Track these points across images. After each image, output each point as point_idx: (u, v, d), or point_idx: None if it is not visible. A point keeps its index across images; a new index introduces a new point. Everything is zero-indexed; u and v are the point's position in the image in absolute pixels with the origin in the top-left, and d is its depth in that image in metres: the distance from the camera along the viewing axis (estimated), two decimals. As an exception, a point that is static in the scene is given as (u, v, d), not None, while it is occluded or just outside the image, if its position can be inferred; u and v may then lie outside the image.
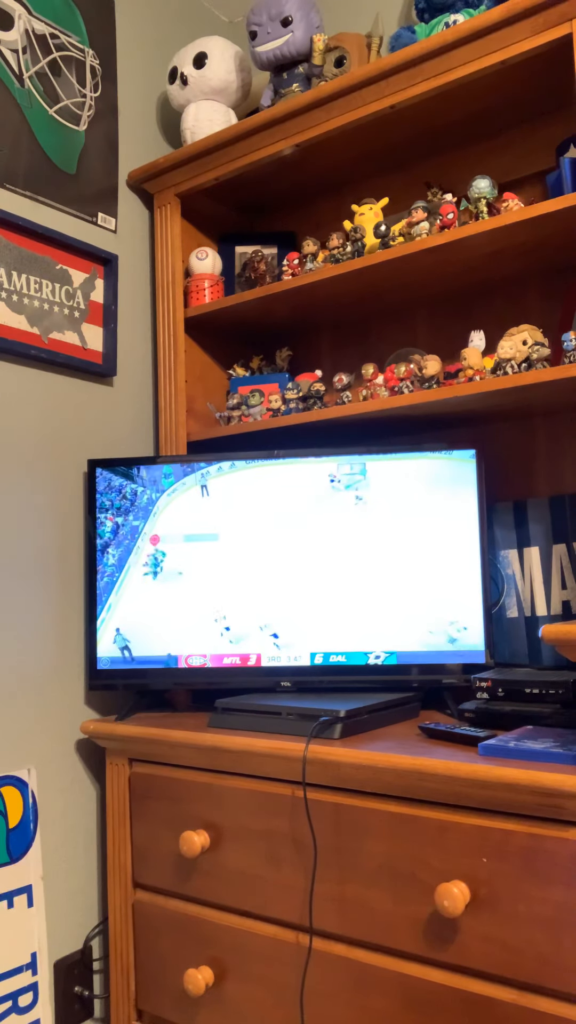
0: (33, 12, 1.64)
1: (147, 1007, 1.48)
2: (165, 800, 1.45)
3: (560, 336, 1.56)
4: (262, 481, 1.57)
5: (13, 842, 1.49)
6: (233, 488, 1.58)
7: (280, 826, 1.30)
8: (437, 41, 1.42)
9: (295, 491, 1.56)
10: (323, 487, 1.56)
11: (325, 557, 1.55)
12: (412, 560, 1.52)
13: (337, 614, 1.53)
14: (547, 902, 1.05)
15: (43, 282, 1.62)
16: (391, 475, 1.54)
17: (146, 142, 1.90)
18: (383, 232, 1.53)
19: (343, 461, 1.55)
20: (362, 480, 1.55)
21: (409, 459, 1.54)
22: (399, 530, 1.53)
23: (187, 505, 1.59)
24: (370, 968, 1.20)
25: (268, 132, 1.65)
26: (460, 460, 1.52)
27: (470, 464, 1.52)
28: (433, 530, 1.52)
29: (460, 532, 1.51)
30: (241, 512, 1.58)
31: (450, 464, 1.52)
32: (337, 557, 1.54)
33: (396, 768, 1.16)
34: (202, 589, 1.57)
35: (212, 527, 1.58)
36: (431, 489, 1.53)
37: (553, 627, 1.04)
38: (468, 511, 1.51)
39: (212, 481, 1.59)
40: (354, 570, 1.54)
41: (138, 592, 1.59)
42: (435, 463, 1.53)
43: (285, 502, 1.56)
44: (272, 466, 1.57)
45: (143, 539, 1.59)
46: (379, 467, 1.54)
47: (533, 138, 1.62)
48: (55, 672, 1.61)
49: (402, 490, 1.53)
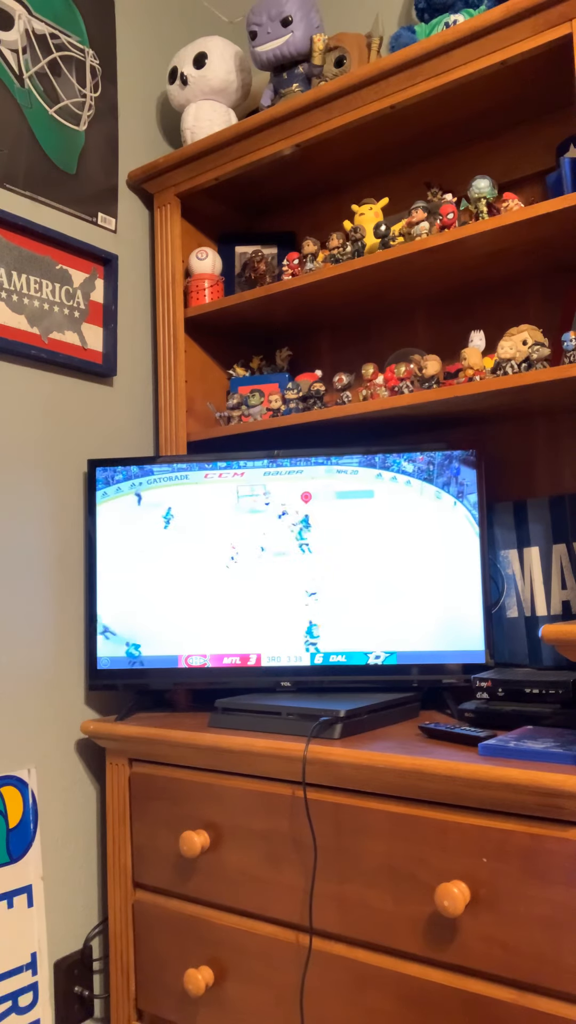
0: (33, 12, 1.64)
1: (147, 1007, 1.48)
2: (165, 800, 1.45)
3: (560, 336, 1.56)
4: (267, 483, 1.58)
5: (13, 842, 1.49)
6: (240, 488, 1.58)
7: (280, 826, 1.30)
8: (437, 41, 1.42)
9: (295, 491, 1.56)
10: (321, 487, 1.56)
11: (325, 557, 1.55)
12: (412, 560, 1.52)
13: (337, 614, 1.53)
14: (547, 902, 1.05)
15: (43, 282, 1.62)
16: (391, 475, 1.54)
17: (146, 142, 1.90)
18: (383, 232, 1.53)
19: (342, 461, 1.55)
20: (362, 480, 1.55)
21: (384, 465, 1.53)
22: (399, 530, 1.53)
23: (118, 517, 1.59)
24: (370, 968, 1.20)
25: (268, 132, 1.65)
26: (394, 465, 1.52)
27: (444, 470, 1.52)
28: (433, 530, 1.52)
29: (460, 532, 1.51)
30: (243, 512, 1.58)
31: (423, 471, 1.52)
32: (337, 557, 1.54)
33: (396, 768, 1.16)
34: (202, 589, 1.58)
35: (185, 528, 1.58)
36: (406, 494, 1.52)
37: (553, 627, 1.04)
38: (468, 511, 1.51)
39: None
40: (354, 570, 1.54)
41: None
42: (409, 469, 1.53)
43: (284, 502, 1.56)
44: (273, 466, 1.58)
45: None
46: (379, 467, 1.54)
47: (533, 138, 1.62)
48: (55, 672, 1.61)
49: (402, 490, 1.53)
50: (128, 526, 1.61)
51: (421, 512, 1.52)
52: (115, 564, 1.61)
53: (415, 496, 1.53)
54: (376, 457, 1.54)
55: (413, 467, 1.54)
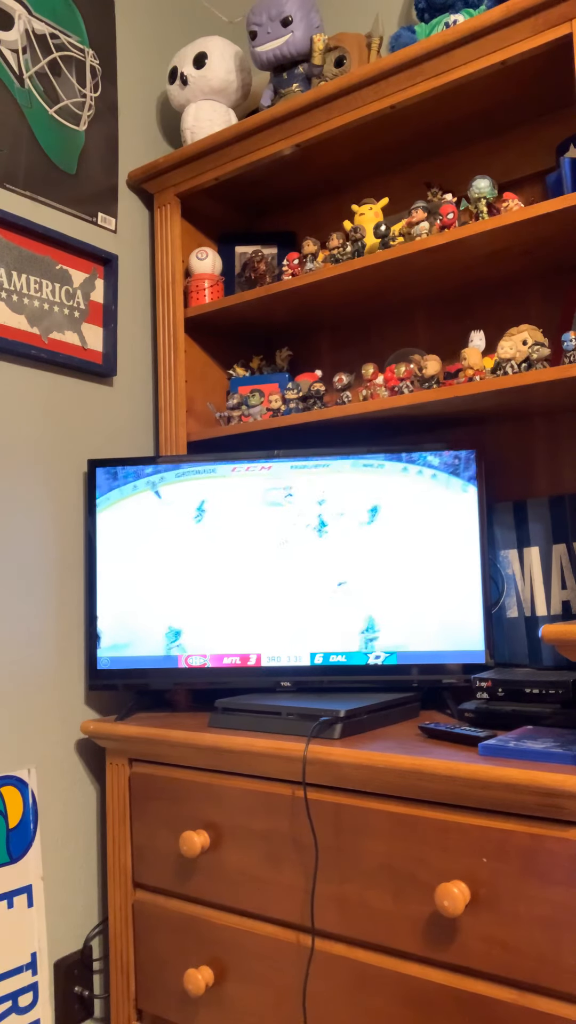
0: (33, 12, 1.64)
1: (147, 1007, 1.48)
2: (165, 800, 1.45)
3: (560, 336, 1.56)
4: (263, 482, 1.58)
5: (13, 842, 1.49)
6: (228, 490, 1.58)
7: (280, 826, 1.30)
8: (437, 41, 1.42)
9: (295, 490, 1.56)
10: (321, 487, 1.56)
11: (325, 557, 1.55)
12: (412, 560, 1.52)
13: (337, 614, 1.53)
14: (547, 902, 1.05)
15: (43, 282, 1.62)
16: (390, 475, 1.54)
17: (146, 142, 1.90)
18: (383, 232, 1.53)
19: (342, 461, 1.55)
20: (361, 480, 1.55)
21: (409, 459, 1.53)
22: (399, 530, 1.53)
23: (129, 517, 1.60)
24: (370, 968, 1.20)
25: (268, 132, 1.65)
26: (419, 459, 1.52)
27: (470, 464, 1.52)
28: (433, 530, 1.52)
29: (460, 532, 1.51)
30: (238, 512, 1.58)
31: (450, 464, 1.52)
32: (337, 557, 1.54)
33: (396, 768, 1.16)
34: (199, 590, 1.58)
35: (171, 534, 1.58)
36: (431, 489, 1.53)
37: (553, 627, 1.04)
38: (468, 511, 1.51)
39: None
40: (354, 570, 1.54)
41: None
42: (435, 463, 1.53)
43: (285, 501, 1.56)
44: (272, 465, 1.58)
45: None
46: (378, 467, 1.54)
47: (533, 138, 1.62)
48: (55, 672, 1.61)
49: (401, 490, 1.53)
50: (149, 521, 1.60)
51: (421, 512, 1.52)
52: (136, 561, 1.60)
53: (415, 496, 1.53)
54: (375, 457, 1.54)
55: (413, 467, 1.54)
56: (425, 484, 1.53)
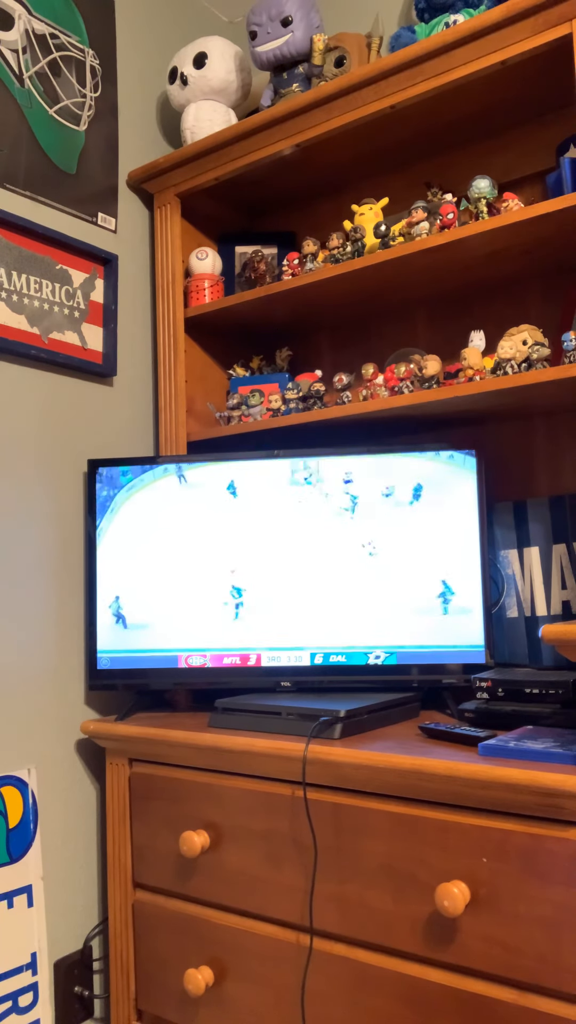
0: (33, 12, 1.64)
1: (147, 1007, 1.48)
2: (165, 800, 1.45)
3: (560, 336, 1.56)
4: (261, 478, 1.58)
5: (13, 842, 1.49)
6: (219, 481, 1.58)
7: (280, 826, 1.30)
8: (437, 41, 1.42)
9: (294, 490, 1.57)
10: (324, 487, 1.56)
11: (325, 557, 1.55)
12: (412, 560, 1.52)
13: (337, 614, 1.53)
14: (547, 902, 1.05)
15: (43, 282, 1.62)
16: (391, 475, 1.54)
17: (146, 142, 1.90)
18: (383, 232, 1.53)
19: (342, 461, 1.55)
20: (361, 480, 1.55)
21: (409, 459, 1.54)
22: (399, 530, 1.53)
23: (158, 498, 1.60)
24: (370, 968, 1.20)
25: (268, 132, 1.65)
26: (460, 460, 1.52)
27: (470, 464, 1.52)
28: (433, 530, 1.52)
29: (460, 532, 1.51)
30: (236, 513, 1.58)
31: (450, 464, 1.52)
32: (337, 557, 1.54)
33: (396, 768, 1.16)
34: (199, 588, 1.58)
35: (188, 521, 1.58)
36: (431, 489, 1.53)
37: (553, 627, 1.04)
38: (468, 511, 1.51)
39: (190, 472, 1.59)
40: (354, 570, 1.54)
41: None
42: (435, 463, 1.53)
43: (284, 502, 1.56)
44: (270, 463, 1.58)
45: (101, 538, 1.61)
46: (378, 467, 1.54)
47: (533, 138, 1.62)
48: (55, 672, 1.61)
49: (402, 490, 1.53)
50: (174, 508, 1.60)
51: (421, 512, 1.52)
52: (155, 552, 1.60)
53: (415, 496, 1.53)
54: (376, 457, 1.54)
55: (413, 467, 1.53)
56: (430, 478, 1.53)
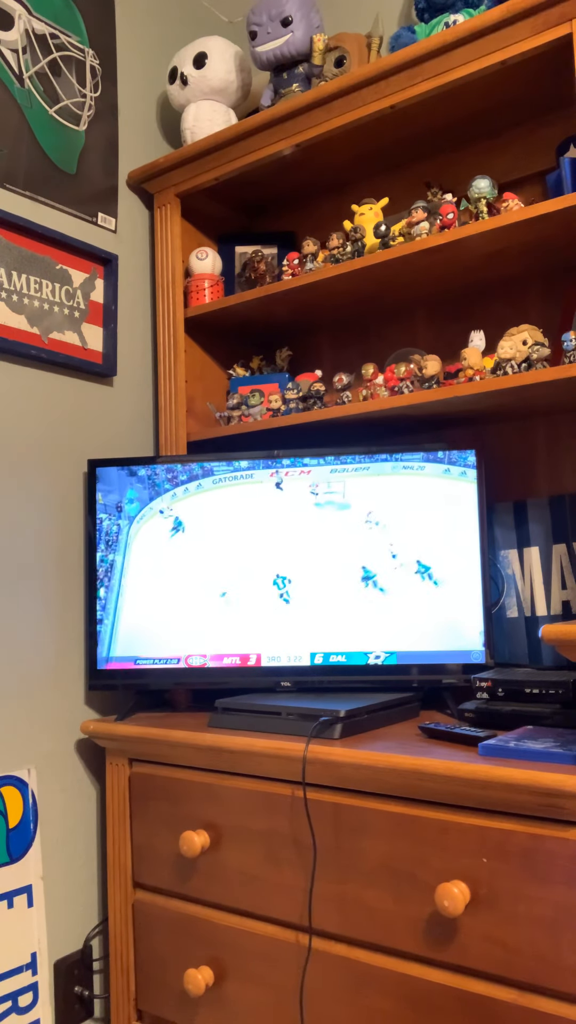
0: (33, 12, 1.64)
1: (147, 1007, 1.48)
2: (165, 800, 1.45)
3: (560, 336, 1.56)
4: (260, 482, 1.58)
5: (13, 842, 1.49)
6: (220, 497, 1.58)
7: (280, 826, 1.30)
8: (437, 41, 1.42)
9: (295, 491, 1.56)
10: (322, 487, 1.56)
11: (325, 557, 1.55)
12: (412, 560, 1.52)
13: (337, 614, 1.53)
14: (547, 902, 1.05)
15: (43, 282, 1.62)
16: (391, 475, 1.54)
17: (146, 142, 1.90)
18: (383, 232, 1.53)
19: (342, 461, 1.55)
20: (362, 480, 1.55)
21: (409, 459, 1.54)
22: (399, 530, 1.53)
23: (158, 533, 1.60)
24: (370, 968, 1.20)
25: (268, 132, 1.65)
26: (460, 460, 1.52)
27: (470, 464, 1.52)
28: (433, 530, 1.52)
29: (460, 532, 1.51)
30: (235, 515, 1.58)
31: (450, 465, 1.52)
32: (336, 557, 1.54)
33: (396, 768, 1.16)
34: (200, 588, 1.58)
35: (188, 522, 1.58)
36: (431, 489, 1.52)
37: (553, 627, 1.04)
38: (468, 511, 1.51)
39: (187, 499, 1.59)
40: (354, 569, 1.54)
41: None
42: (435, 463, 1.53)
43: (285, 502, 1.56)
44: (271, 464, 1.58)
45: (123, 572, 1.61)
46: (378, 467, 1.54)
47: (533, 138, 1.62)
48: (55, 672, 1.61)
49: (402, 490, 1.53)
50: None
51: (421, 512, 1.52)
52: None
53: (415, 496, 1.53)
54: (376, 457, 1.54)
55: (413, 467, 1.54)
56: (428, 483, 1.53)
